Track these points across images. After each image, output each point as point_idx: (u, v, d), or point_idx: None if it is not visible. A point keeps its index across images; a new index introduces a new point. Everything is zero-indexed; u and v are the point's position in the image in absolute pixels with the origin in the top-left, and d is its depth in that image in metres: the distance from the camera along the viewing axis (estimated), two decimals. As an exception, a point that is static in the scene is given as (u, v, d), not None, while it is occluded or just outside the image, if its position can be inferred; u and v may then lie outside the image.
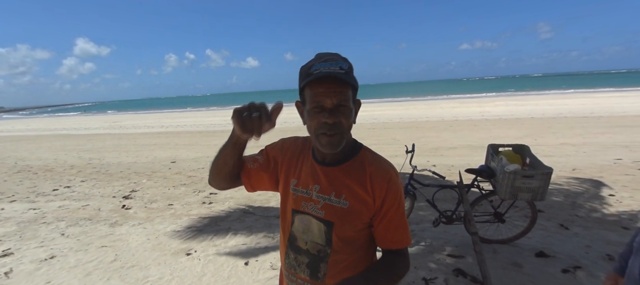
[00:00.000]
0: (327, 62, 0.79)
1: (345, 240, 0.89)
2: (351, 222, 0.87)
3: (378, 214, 0.87)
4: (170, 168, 6.85)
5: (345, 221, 0.87)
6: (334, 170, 0.89)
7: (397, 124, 12.56)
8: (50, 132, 17.61)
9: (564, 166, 5.24)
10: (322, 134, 0.81)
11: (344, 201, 0.87)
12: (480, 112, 14.76)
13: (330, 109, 0.79)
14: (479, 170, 2.73)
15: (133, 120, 23.87)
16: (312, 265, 0.91)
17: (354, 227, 0.88)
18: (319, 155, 0.92)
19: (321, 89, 0.78)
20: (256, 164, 0.99)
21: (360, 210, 0.86)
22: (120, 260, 2.99)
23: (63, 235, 3.62)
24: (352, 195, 0.86)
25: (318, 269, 0.90)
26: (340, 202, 0.87)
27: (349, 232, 0.88)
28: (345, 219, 0.87)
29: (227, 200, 4.52)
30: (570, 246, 2.81)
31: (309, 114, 0.82)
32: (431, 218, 3.32)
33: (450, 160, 6.19)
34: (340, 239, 0.88)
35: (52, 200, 4.96)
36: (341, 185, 0.87)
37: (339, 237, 0.88)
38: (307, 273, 0.92)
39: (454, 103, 22.18)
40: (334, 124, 0.79)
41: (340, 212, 0.87)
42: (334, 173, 0.89)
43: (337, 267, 0.90)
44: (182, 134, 13.04)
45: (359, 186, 0.86)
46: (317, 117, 0.80)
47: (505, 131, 9.28)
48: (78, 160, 8.35)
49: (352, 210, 0.86)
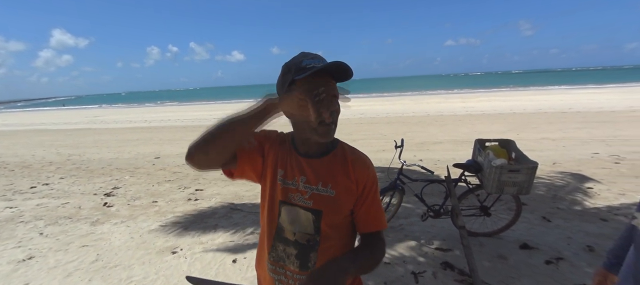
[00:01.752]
0: (314, 59, 0.84)
1: (334, 227, 0.93)
2: (338, 209, 0.92)
3: (359, 199, 0.93)
4: (154, 164, 6.68)
5: (333, 209, 0.91)
6: (318, 162, 0.93)
7: (384, 119, 12.65)
8: (27, 127, 16.85)
9: (544, 160, 5.40)
10: (323, 123, 0.84)
11: (331, 190, 0.91)
12: (464, 108, 15.03)
13: (334, 98, 0.86)
14: (466, 165, 2.77)
15: (114, 114, 23.12)
16: (301, 255, 0.92)
17: (340, 213, 0.93)
18: (303, 148, 0.95)
19: (320, 80, 0.83)
20: (251, 145, 0.97)
21: (346, 197, 0.92)
22: (103, 260, 2.90)
23: (42, 234, 3.48)
24: (337, 184, 0.91)
25: (308, 258, 0.92)
26: (327, 191, 0.91)
27: (337, 219, 0.93)
28: (333, 207, 0.91)
29: (213, 197, 4.44)
30: (552, 238, 2.89)
31: (307, 105, 0.82)
32: (420, 212, 3.36)
33: (437, 154, 6.28)
34: (328, 227, 0.92)
35: (29, 198, 4.77)
36: (327, 175, 0.92)
37: (328, 224, 0.92)
38: (297, 264, 0.93)
39: (439, 98, 22.52)
40: (332, 114, 0.85)
41: (327, 200, 0.91)
42: (319, 164, 0.93)
43: (327, 254, 0.92)
44: (166, 129, 12.73)
45: (343, 175, 0.92)
46: (318, 107, 0.83)
47: (489, 126, 9.49)
48: (57, 156, 8.04)
49: (339, 198, 0.91)
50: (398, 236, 3.05)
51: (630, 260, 0.92)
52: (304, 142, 0.94)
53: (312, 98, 0.79)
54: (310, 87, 0.81)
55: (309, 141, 0.92)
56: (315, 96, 0.80)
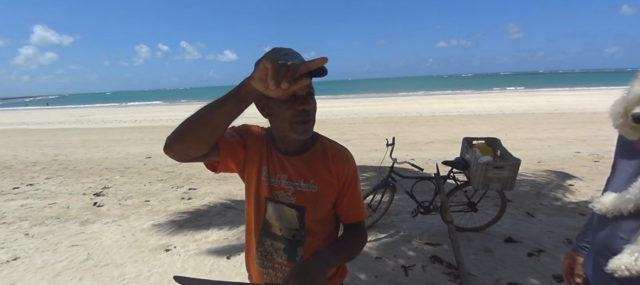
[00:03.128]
0: (288, 55, 0.76)
1: (318, 221, 0.95)
2: (321, 205, 0.94)
3: (341, 192, 0.95)
4: (145, 164, 6.62)
5: (316, 204, 0.93)
6: (299, 159, 0.94)
7: (377, 119, 12.77)
8: (7, 126, 16.40)
9: (530, 159, 5.58)
10: (297, 121, 0.84)
11: (313, 186, 0.92)
12: (456, 108, 15.29)
13: (304, 96, 0.83)
14: (455, 162, 2.86)
15: (103, 114, 22.69)
16: (289, 249, 0.95)
17: (323, 208, 0.95)
18: (283, 146, 0.94)
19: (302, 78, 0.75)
20: (234, 138, 0.94)
21: (328, 192, 0.93)
22: (93, 258, 2.87)
23: (27, 235, 3.41)
24: (319, 180, 0.92)
25: (295, 252, 0.95)
26: (309, 186, 0.92)
27: (320, 213, 0.95)
28: (316, 202, 0.93)
29: (207, 196, 4.44)
30: (535, 232, 3.03)
31: (284, 104, 0.82)
32: (410, 209, 3.43)
33: (428, 154, 6.40)
34: (312, 222, 0.94)
35: (12, 199, 4.64)
36: (308, 172, 0.93)
37: (311, 219, 0.94)
38: (285, 257, 0.96)
39: (431, 99, 22.84)
40: (309, 111, 0.85)
41: (310, 196, 0.92)
42: (300, 161, 0.94)
43: (313, 247, 0.95)
44: (157, 129, 12.59)
45: (324, 170, 0.93)
46: (293, 105, 0.82)
47: (479, 126, 9.71)
48: (41, 156, 7.86)
49: (321, 193, 0.93)
50: (389, 232, 3.12)
51: (590, 240, 1.01)
52: (283, 140, 0.93)
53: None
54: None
55: (287, 139, 0.91)
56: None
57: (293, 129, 0.85)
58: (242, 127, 1.01)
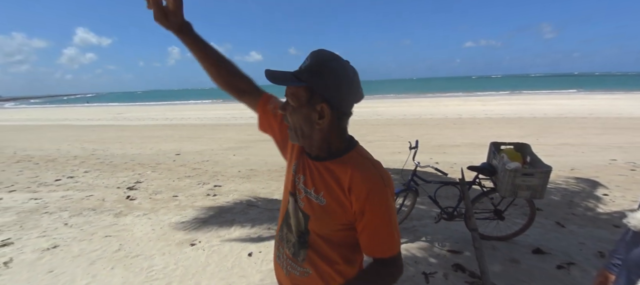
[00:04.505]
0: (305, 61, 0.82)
1: (322, 237, 0.90)
2: (326, 221, 0.87)
3: (360, 221, 0.84)
4: (174, 160, 6.91)
5: (320, 218, 0.88)
6: (317, 166, 0.89)
7: (400, 120, 12.56)
8: (52, 122, 17.70)
9: (562, 166, 5.28)
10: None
11: (322, 198, 0.86)
12: (484, 111, 14.71)
13: (283, 103, 0.87)
14: (481, 168, 2.76)
15: (137, 112, 23.96)
16: (295, 246, 0.95)
17: (328, 225, 0.88)
18: (305, 147, 0.94)
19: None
20: (275, 112, 1.02)
21: (337, 211, 0.85)
22: (125, 249, 3.04)
23: (66, 225, 3.64)
24: (329, 195, 0.85)
25: (299, 252, 0.95)
26: (318, 198, 0.87)
27: (324, 229, 0.89)
28: (321, 216, 0.87)
29: (231, 193, 4.57)
30: (565, 243, 2.87)
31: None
32: (433, 214, 3.36)
33: (454, 157, 6.20)
34: (315, 234, 0.90)
35: (54, 190, 4.98)
36: (320, 182, 0.87)
37: (314, 231, 0.90)
38: (291, 251, 0.97)
39: (458, 101, 22.11)
40: (284, 117, 0.88)
41: (316, 208, 0.87)
42: (317, 168, 0.89)
43: (315, 258, 0.92)
44: (187, 127, 13.10)
45: (337, 187, 0.84)
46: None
47: (508, 130, 9.28)
48: (81, 150, 8.39)
49: (328, 209, 0.86)
50: (410, 237, 3.07)
51: (623, 257, 0.95)
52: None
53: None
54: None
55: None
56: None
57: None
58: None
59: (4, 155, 8.08)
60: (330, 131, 0.85)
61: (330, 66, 0.79)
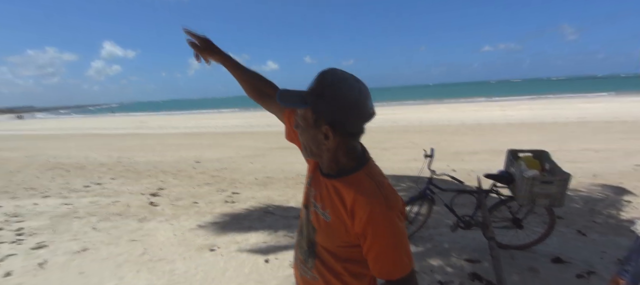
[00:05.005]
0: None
1: (328, 251, 0.93)
2: (330, 236, 0.90)
3: (363, 243, 0.84)
4: (194, 167, 7.12)
5: (325, 233, 0.91)
6: (327, 183, 0.91)
7: (416, 127, 12.44)
8: (80, 131, 18.63)
9: (585, 172, 5.10)
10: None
11: (327, 215, 0.89)
12: (503, 116, 14.35)
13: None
14: (498, 176, 2.73)
15: (159, 121, 24.86)
16: (307, 254, 1.00)
17: (332, 241, 0.91)
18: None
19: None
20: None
21: (340, 229, 0.87)
22: (149, 253, 3.17)
23: (95, 229, 3.82)
24: (334, 213, 0.87)
25: (307, 260, 1.00)
26: (324, 214, 0.90)
27: (329, 244, 0.92)
28: (326, 232, 0.91)
29: (248, 200, 4.68)
30: (586, 252, 2.79)
31: None
32: (449, 222, 3.32)
33: (471, 165, 6.10)
34: (322, 248, 0.94)
35: (83, 196, 5.23)
36: (327, 199, 0.89)
37: (321, 245, 0.94)
38: (303, 257, 1.03)
39: (476, 106, 21.66)
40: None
41: (323, 223, 0.91)
42: (326, 185, 0.91)
43: (321, 268, 0.96)
44: (206, 135, 13.48)
45: (341, 207, 0.85)
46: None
47: (529, 136, 9.02)
48: (108, 158, 8.78)
49: (333, 226, 0.88)
50: (426, 246, 3.05)
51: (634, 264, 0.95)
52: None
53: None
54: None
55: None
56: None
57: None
58: None
59: (38, 162, 8.58)
60: (338, 150, 0.87)
61: (335, 89, 0.80)
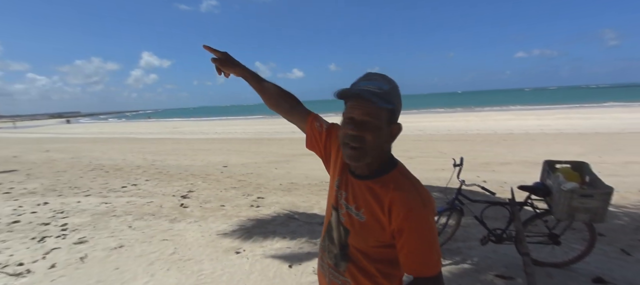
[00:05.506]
0: (370, 81, 0.86)
1: (361, 252, 0.95)
2: (365, 237, 0.92)
3: (398, 240, 0.86)
4: (222, 172, 7.36)
5: (359, 234, 0.93)
6: (360, 184, 0.93)
7: (444, 136, 12.08)
8: (119, 135, 19.86)
9: (629, 187, 4.69)
10: (345, 144, 0.87)
11: (362, 215, 0.91)
12: (538, 126, 13.58)
13: (356, 122, 0.85)
14: (533, 188, 2.59)
15: (190, 126, 25.97)
16: (338, 257, 1.01)
17: (367, 241, 0.92)
18: (351, 165, 0.96)
19: (353, 102, 0.86)
20: (321, 129, 1.12)
21: (376, 228, 0.88)
22: (179, 253, 3.30)
23: (130, 227, 4.04)
24: (369, 212, 0.89)
25: (340, 263, 1.00)
26: (358, 214, 0.92)
27: (363, 245, 0.94)
28: (360, 232, 0.92)
29: (273, 205, 4.76)
30: (630, 273, 2.58)
31: (341, 125, 0.92)
32: (479, 235, 3.18)
33: (503, 176, 5.82)
34: (355, 249, 0.96)
35: (121, 196, 5.57)
36: (361, 200, 0.92)
37: (354, 246, 0.96)
38: (333, 261, 1.03)
39: (508, 115, 20.70)
40: (357, 137, 0.84)
41: (356, 224, 0.92)
42: (359, 186, 0.93)
43: (354, 271, 0.97)
44: (233, 141, 13.89)
45: (377, 206, 0.88)
46: (345, 128, 0.88)
47: (566, 147, 8.46)
48: (143, 161, 9.29)
49: (368, 225, 0.90)
50: (455, 259, 2.94)
51: None
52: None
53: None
54: (346, 107, 0.89)
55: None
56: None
57: (343, 151, 0.90)
58: (336, 126, 1.09)
59: (82, 163, 9.27)
60: (388, 149, 0.93)
61: (398, 89, 0.90)
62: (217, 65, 1.26)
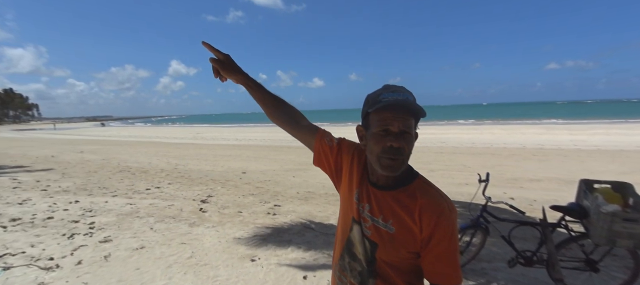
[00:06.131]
0: (395, 92, 0.85)
1: (391, 264, 0.91)
2: (395, 249, 0.89)
3: (426, 246, 0.85)
4: (241, 178, 7.45)
5: (389, 246, 0.89)
6: (385, 195, 0.91)
7: (468, 149, 11.66)
8: (147, 139, 20.70)
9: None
10: (385, 157, 0.85)
11: (391, 226, 0.88)
12: (572, 141, 12.84)
13: (395, 134, 0.83)
14: (568, 208, 2.40)
15: (212, 132, 26.69)
16: (362, 275, 0.95)
17: (397, 253, 0.89)
18: (373, 177, 0.95)
19: (389, 114, 0.84)
20: (331, 144, 1.09)
21: (406, 238, 0.87)
22: (196, 257, 3.32)
23: (152, 229, 4.13)
24: (398, 222, 0.88)
25: (367, 281, 0.95)
26: (387, 226, 0.89)
27: (392, 257, 0.90)
28: (390, 244, 0.89)
29: (289, 214, 4.73)
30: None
31: (373, 137, 0.87)
32: (505, 257, 2.99)
33: (532, 193, 5.50)
34: (384, 262, 0.91)
35: (145, 197, 5.74)
36: (389, 211, 0.89)
37: (383, 259, 0.91)
38: (358, 280, 0.97)
39: (538, 129, 19.76)
40: (398, 149, 0.83)
41: (385, 236, 0.89)
42: (384, 197, 0.91)
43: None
44: (253, 148, 14.11)
45: (407, 215, 0.87)
46: (382, 140, 0.85)
47: (605, 165, 7.90)
48: (167, 165, 9.60)
49: (398, 236, 0.87)
50: (479, 281, 2.77)
51: None
52: (372, 172, 0.95)
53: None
54: (379, 119, 0.85)
55: (375, 172, 0.93)
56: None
57: (379, 163, 0.86)
58: (347, 142, 1.09)
59: (111, 165, 9.71)
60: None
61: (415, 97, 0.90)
62: (216, 66, 1.13)
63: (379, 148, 0.85)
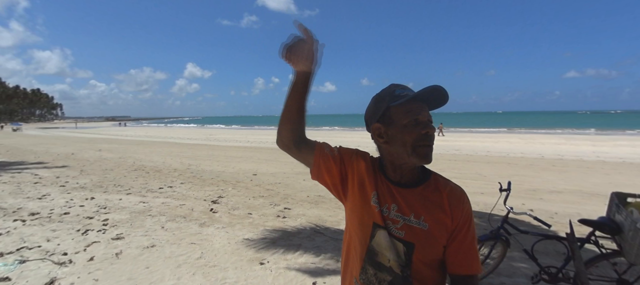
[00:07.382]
0: (405, 89, 0.91)
1: (427, 264, 0.88)
2: (432, 244, 0.87)
3: (452, 235, 0.87)
4: (251, 180, 7.44)
5: (426, 243, 0.87)
6: (411, 192, 0.90)
7: (483, 157, 11.34)
8: (162, 139, 21.11)
9: None
10: (421, 145, 0.85)
11: (424, 223, 0.87)
12: (594, 152, 12.34)
13: (427, 123, 0.87)
14: (599, 223, 2.24)
15: (225, 134, 27.02)
16: (395, 283, 0.88)
17: (434, 248, 0.87)
18: (394, 176, 0.93)
19: (416, 105, 0.88)
20: (333, 153, 1.00)
21: (440, 232, 0.86)
22: (205, 258, 3.29)
23: (163, 228, 4.13)
24: (431, 217, 0.87)
25: None
26: (420, 223, 0.87)
27: (430, 254, 0.88)
28: (426, 241, 0.87)
29: (299, 217, 4.66)
30: None
31: (404, 129, 0.87)
32: (528, 272, 2.83)
33: (553, 206, 5.25)
34: (420, 262, 0.87)
35: (157, 196, 5.79)
36: (419, 207, 0.88)
37: (420, 259, 0.87)
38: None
39: (558, 139, 19.11)
40: (431, 136, 0.86)
41: (420, 233, 0.86)
42: (411, 194, 0.90)
43: None
44: (264, 150, 14.15)
45: (437, 207, 0.87)
46: (415, 129, 0.86)
47: (632, 178, 7.52)
48: (180, 165, 9.72)
49: (432, 232, 0.86)
50: (498, 295, 2.62)
51: None
52: (396, 169, 0.92)
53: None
54: (407, 110, 0.87)
55: (402, 168, 0.90)
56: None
57: (416, 153, 0.86)
58: (346, 148, 1.03)
59: (127, 164, 9.91)
60: None
61: None
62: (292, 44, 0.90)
63: (413, 138, 0.86)
